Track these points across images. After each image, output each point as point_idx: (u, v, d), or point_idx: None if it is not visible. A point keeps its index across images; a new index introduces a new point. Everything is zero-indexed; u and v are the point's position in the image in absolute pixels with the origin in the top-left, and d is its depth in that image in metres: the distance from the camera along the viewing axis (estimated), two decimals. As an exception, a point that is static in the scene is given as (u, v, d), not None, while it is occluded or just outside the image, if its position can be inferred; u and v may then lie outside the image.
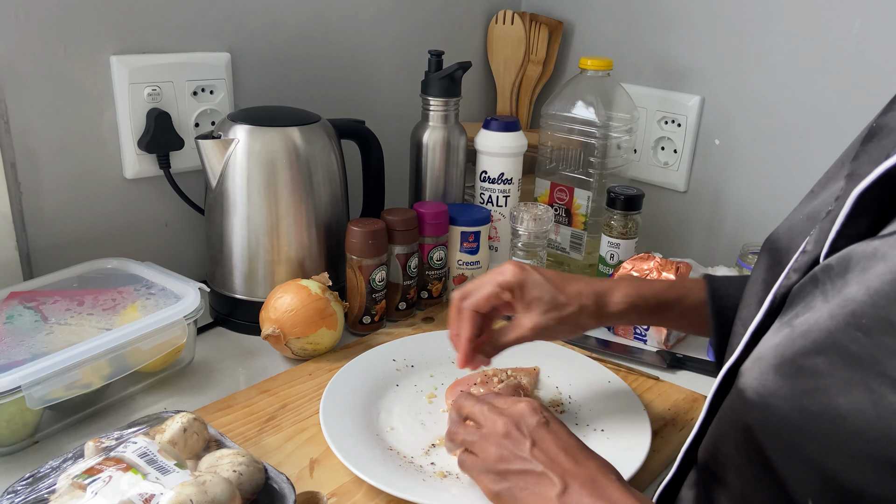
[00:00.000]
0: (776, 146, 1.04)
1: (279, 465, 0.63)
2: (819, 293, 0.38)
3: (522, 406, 0.56)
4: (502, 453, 0.54)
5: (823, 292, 0.38)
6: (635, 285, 0.67)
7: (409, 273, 0.92)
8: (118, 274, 0.82)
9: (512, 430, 0.54)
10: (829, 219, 0.41)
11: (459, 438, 0.59)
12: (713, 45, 1.07)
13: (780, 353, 0.38)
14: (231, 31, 0.94)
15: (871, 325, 0.33)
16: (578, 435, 0.69)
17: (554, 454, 0.52)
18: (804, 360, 0.36)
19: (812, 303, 0.38)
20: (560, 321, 0.64)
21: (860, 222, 0.39)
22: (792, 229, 0.49)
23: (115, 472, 0.51)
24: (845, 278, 0.36)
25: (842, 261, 0.37)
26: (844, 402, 0.34)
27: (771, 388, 0.38)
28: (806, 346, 0.36)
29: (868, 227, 0.39)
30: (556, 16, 1.26)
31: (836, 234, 0.39)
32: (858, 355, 0.34)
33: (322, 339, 0.81)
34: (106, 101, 0.85)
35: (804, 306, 0.39)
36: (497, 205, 1.03)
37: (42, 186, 0.83)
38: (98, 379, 0.68)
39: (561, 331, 0.65)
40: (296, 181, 0.85)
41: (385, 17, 1.11)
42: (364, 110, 1.07)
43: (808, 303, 0.39)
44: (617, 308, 0.65)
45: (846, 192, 0.41)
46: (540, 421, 0.55)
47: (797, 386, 0.36)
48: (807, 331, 0.37)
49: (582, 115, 1.03)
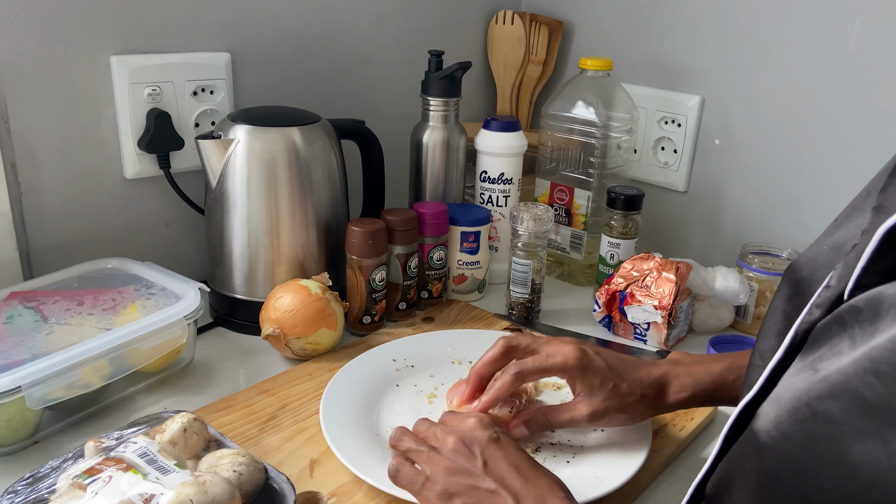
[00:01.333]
0: (776, 146, 1.04)
1: (279, 465, 0.63)
2: (847, 337, 0.37)
3: (472, 422, 0.56)
4: (454, 467, 0.54)
5: (851, 337, 0.36)
6: (694, 372, 0.65)
7: (409, 273, 0.92)
8: (118, 274, 0.82)
9: (461, 448, 0.54)
10: (855, 253, 0.40)
11: (404, 446, 0.58)
12: (713, 45, 1.07)
13: (798, 397, 0.37)
14: (231, 31, 0.94)
15: (888, 371, 0.32)
16: (579, 435, 0.70)
17: (505, 472, 0.53)
18: (818, 404, 0.35)
19: (838, 347, 0.37)
20: (619, 410, 0.63)
21: (887, 259, 0.37)
22: (814, 260, 0.48)
23: (115, 472, 0.51)
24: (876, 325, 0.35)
25: (871, 304, 0.36)
26: (858, 452, 0.33)
27: (785, 431, 0.37)
28: (822, 390, 0.35)
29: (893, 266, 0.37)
30: (556, 16, 1.26)
31: (861, 269, 0.38)
32: (872, 403, 0.32)
33: (322, 339, 0.81)
34: (106, 101, 0.86)
35: (829, 349, 0.38)
36: (497, 205, 1.03)
37: (42, 186, 0.83)
38: (98, 379, 0.68)
39: (617, 419, 0.63)
40: (296, 181, 0.85)
41: (385, 18, 1.11)
42: (364, 110, 1.07)
43: (833, 346, 0.37)
44: (677, 398, 0.64)
45: (873, 225, 0.40)
46: (491, 437, 0.55)
47: (810, 431, 0.35)
48: (827, 375, 0.36)
49: (582, 115, 1.03)
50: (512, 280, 0.94)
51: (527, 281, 0.93)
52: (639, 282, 0.89)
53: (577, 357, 0.62)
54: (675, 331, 0.88)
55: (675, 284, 0.86)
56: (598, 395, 0.63)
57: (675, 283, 0.86)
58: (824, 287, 0.41)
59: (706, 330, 0.94)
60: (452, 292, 1.00)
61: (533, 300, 0.95)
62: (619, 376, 0.63)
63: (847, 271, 0.39)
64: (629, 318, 0.89)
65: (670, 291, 0.86)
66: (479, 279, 1.00)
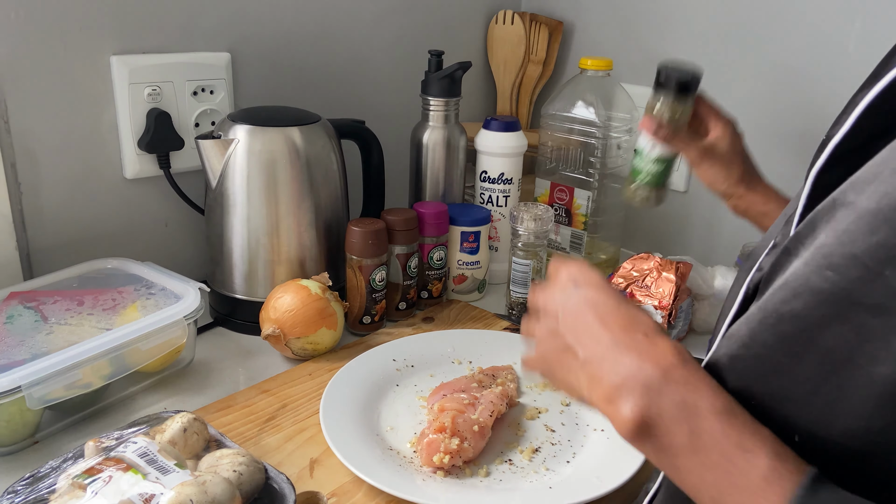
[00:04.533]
0: (775, 147, 1.04)
1: (279, 465, 0.63)
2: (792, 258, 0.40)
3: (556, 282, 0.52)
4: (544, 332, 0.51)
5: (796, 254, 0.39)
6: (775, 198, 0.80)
7: (409, 273, 0.92)
8: (118, 274, 0.82)
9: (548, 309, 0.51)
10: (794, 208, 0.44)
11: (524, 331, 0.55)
12: (713, 45, 1.07)
13: (762, 308, 0.40)
14: (231, 31, 0.94)
15: (839, 262, 0.35)
16: (579, 435, 0.70)
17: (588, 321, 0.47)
18: (783, 307, 0.38)
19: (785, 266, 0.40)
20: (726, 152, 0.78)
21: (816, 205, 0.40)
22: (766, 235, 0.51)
23: (115, 472, 0.51)
24: (815, 235, 0.38)
25: (807, 224, 0.39)
26: (829, 337, 0.36)
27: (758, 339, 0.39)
28: (785, 295, 0.38)
29: None
30: (556, 16, 1.26)
31: (799, 217, 0.42)
32: (831, 291, 0.35)
33: (322, 339, 0.81)
34: (106, 100, 0.85)
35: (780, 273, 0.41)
36: (497, 205, 1.03)
37: (42, 186, 0.83)
38: (98, 379, 0.68)
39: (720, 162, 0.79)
40: (296, 181, 0.85)
41: (385, 17, 1.11)
42: (364, 110, 1.07)
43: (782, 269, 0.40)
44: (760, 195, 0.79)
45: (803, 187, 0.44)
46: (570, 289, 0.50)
47: (781, 332, 0.38)
48: (784, 283, 0.39)
49: (582, 115, 1.03)
50: (512, 280, 0.94)
51: (527, 281, 0.93)
52: (639, 282, 0.89)
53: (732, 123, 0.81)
54: (675, 331, 0.88)
55: (675, 284, 0.86)
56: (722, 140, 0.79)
57: (675, 283, 0.86)
58: (771, 246, 0.45)
59: (706, 330, 0.94)
60: (452, 292, 1.00)
61: (533, 300, 0.95)
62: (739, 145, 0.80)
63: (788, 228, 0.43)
64: (629, 318, 0.89)
65: (670, 291, 0.86)
66: (479, 279, 1.00)
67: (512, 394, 0.74)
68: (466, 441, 0.64)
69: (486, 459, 0.66)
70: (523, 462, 0.66)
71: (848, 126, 0.41)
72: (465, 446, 0.63)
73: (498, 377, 0.76)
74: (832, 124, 0.46)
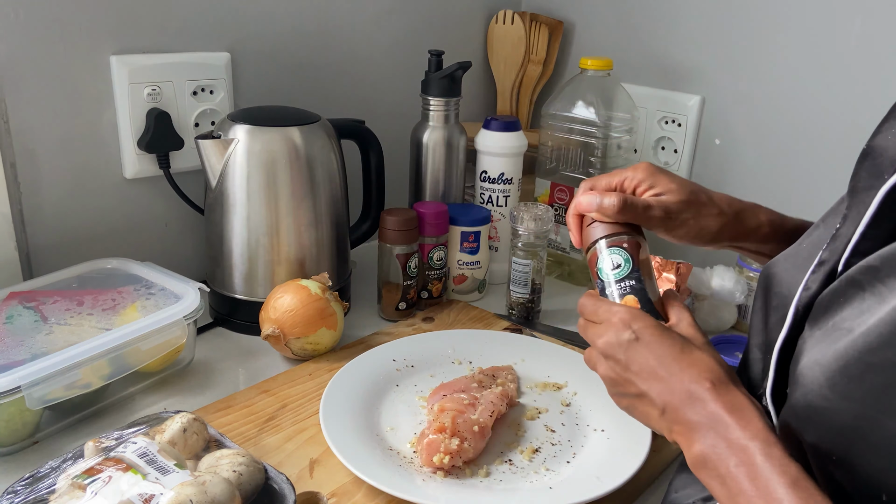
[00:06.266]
0: (776, 146, 1.04)
1: (279, 465, 0.63)
2: (869, 295, 0.38)
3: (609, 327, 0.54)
4: (610, 376, 0.54)
5: (875, 293, 0.38)
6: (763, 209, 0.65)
7: (409, 273, 0.92)
8: (118, 274, 0.82)
9: (610, 353, 0.53)
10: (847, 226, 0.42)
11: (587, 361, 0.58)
12: (713, 45, 1.07)
13: (844, 355, 0.38)
14: (231, 31, 0.94)
15: None
16: (579, 435, 0.70)
17: (649, 372, 0.51)
18: (871, 357, 0.36)
19: (864, 305, 0.38)
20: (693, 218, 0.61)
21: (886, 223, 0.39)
22: (790, 258, 0.50)
23: (115, 472, 0.51)
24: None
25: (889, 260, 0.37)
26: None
27: (841, 391, 0.38)
28: (871, 342, 0.36)
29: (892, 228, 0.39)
30: (556, 16, 1.26)
31: (860, 236, 0.40)
32: None
33: (322, 339, 0.81)
34: (106, 100, 0.85)
35: (851, 309, 0.39)
36: (497, 205, 1.03)
37: (42, 186, 0.83)
38: (98, 379, 0.68)
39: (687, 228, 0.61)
40: (296, 181, 0.85)
41: (385, 17, 1.11)
42: (364, 110, 1.07)
43: (855, 306, 0.39)
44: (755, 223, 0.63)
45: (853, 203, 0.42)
46: (630, 339, 0.53)
47: (869, 383, 0.36)
48: (869, 329, 0.37)
49: (582, 115, 1.03)
50: (512, 280, 0.94)
51: (527, 281, 0.93)
52: (639, 282, 0.88)
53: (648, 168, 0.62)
54: (675, 331, 0.88)
55: (676, 285, 0.86)
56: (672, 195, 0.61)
57: (676, 284, 0.86)
58: (817, 264, 0.44)
59: (707, 330, 0.94)
60: (452, 292, 1.00)
61: (533, 300, 0.95)
62: (700, 187, 0.62)
63: (839, 245, 0.42)
64: (629, 318, 0.89)
65: (670, 291, 0.86)
66: (479, 279, 1.00)
67: (512, 394, 0.74)
68: (466, 441, 0.64)
69: (486, 460, 0.66)
70: (523, 462, 0.66)
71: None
72: (465, 446, 0.63)
73: (498, 377, 0.76)
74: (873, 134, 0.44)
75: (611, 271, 0.60)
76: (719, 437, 0.45)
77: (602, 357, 0.54)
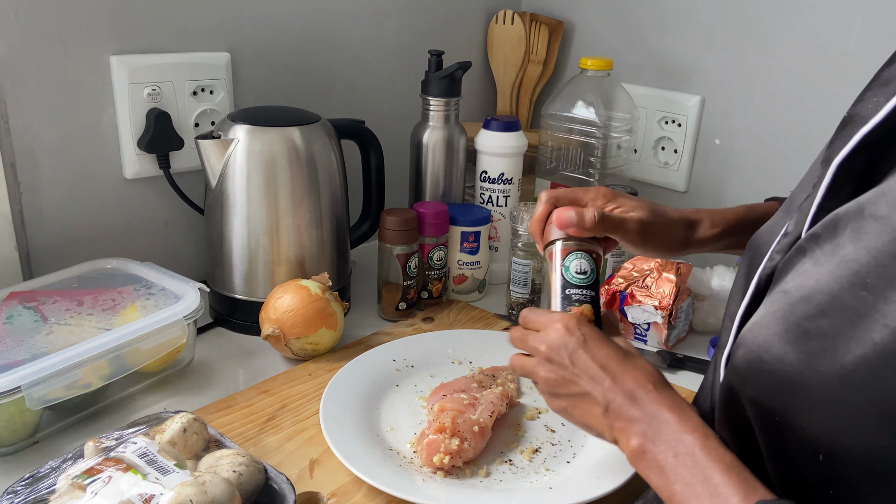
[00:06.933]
0: (776, 146, 1.04)
1: (279, 465, 0.63)
2: (808, 259, 0.39)
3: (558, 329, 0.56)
4: (551, 378, 0.55)
5: (813, 258, 0.39)
6: (720, 212, 0.69)
7: (409, 273, 0.92)
8: (118, 274, 0.82)
9: (554, 356, 0.55)
10: (809, 200, 0.43)
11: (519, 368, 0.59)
12: (713, 45, 1.07)
13: (784, 318, 0.39)
14: (231, 31, 0.94)
15: (875, 283, 0.35)
16: (579, 435, 0.69)
17: (593, 373, 0.53)
18: (809, 324, 0.37)
19: (802, 268, 0.40)
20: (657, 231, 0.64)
21: (840, 194, 0.40)
22: (771, 227, 0.51)
23: (115, 472, 0.51)
24: (836, 241, 0.38)
25: (828, 225, 0.39)
26: (851, 359, 0.35)
27: (776, 354, 0.39)
28: (810, 309, 0.38)
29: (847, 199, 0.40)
30: (556, 16, 1.26)
31: (817, 207, 0.41)
32: (864, 313, 0.35)
33: (322, 339, 0.81)
34: (106, 100, 0.85)
35: (794, 274, 0.40)
36: (497, 205, 1.03)
37: (42, 186, 0.83)
38: (98, 379, 0.68)
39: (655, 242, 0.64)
40: (296, 181, 0.85)
41: (385, 17, 1.11)
42: (364, 110, 1.07)
43: (797, 270, 0.40)
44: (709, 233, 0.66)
45: (824, 173, 0.43)
46: (577, 341, 0.54)
47: (804, 349, 0.38)
48: (807, 295, 0.38)
49: (582, 115, 1.03)
50: (512, 280, 0.94)
51: (527, 281, 0.93)
52: (639, 282, 0.89)
53: (610, 189, 0.65)
54: (675, 331, 0.88)
55: (676, 285, 0.86)
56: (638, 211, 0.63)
57: (676, 284, 0.86)
58: (782, 235, 0.45)
59: (706, 330, 0.94)
60: (452, 292, 1.00)
61: (533, 300, 0.95)
62: (652, 203, 0.65)
63: (802, 217, 0.43)
64: (629, 319, 0.89)
65: (670, 292, 0.86)
66: (479, 279, 1.00)
67: (512, 394, 0.74)
68: (466, 441, 0.64)
69: (486, 460, 0.66)
70: (523, 462, 0.66)
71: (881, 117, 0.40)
72: (465, 447, 0.63)
73: (498, 377, 0.76)
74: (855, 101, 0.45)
75: (576, 274, 0.60)
76: (660, 430, 0.48)
77: (545, 361, 0.56)
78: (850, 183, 0.40)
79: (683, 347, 0.90)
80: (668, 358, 0.85)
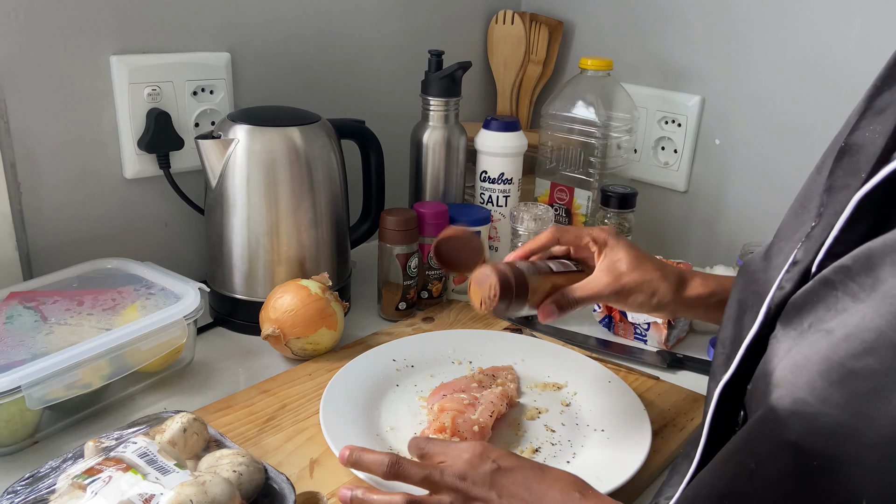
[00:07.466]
0: (776, 146, 1.04)
1: (279, 465, 0.63)
2: (843, 294, 0.38)
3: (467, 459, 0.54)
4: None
5: (850, 293, 0.37)
6: (714, 276, 0.68)
7: (409, 273, 0.92)
8: (118, 274, 0.82)
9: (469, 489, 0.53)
10: (822, 227, 0.42)
11: None
12: (713, 45, 1.07)
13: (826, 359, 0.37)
14: (231, 31, 0.94)
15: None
16: (579, 435, 0.70)
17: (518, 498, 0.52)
18: (854, 363, 0.36)
19: (839, 305, 0.38)
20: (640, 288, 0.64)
21: (860, 227, 0.39)
22: (765, 253, 0.50)
23: (115, 472, 0.51)
24: (874, 275, 0.36)
25: (860, 258, 0.37)
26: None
27: (820, 395, 0.37)
28: (854, 347, 0.36)
29: (867, 231, 0.39)
30: (556, 16, 1.26)
31: (833, 239, 0.40)
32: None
33: (322, 339, 0.81)
34: (106, 101, 0.85)
35: (826, 310, 0.38)
36: (497, 205, 1.03)
37: (42, 186, 0.83)
38: (98, 379, 0.68)
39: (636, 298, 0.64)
40: (296, 181, 0.85)
41: (385, 17, 1.11)
42: (364, 110, 1.07)
43: (830, 305, 0.38)
44: (698, 291, 0.65)
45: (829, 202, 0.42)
46: (491, 469, 0.54)
47: (851, 390, 0.36)
48: (850, 333, 0.36)
49: (582, 115, 1.03)
50: (512, 280, 0.94)
51: (527, 281, 0.93)
52: (639, 282, 0.88)
53: (613, 231, 0.66)
54: (675, 331, 0.88)
55: (676, 284, 0.86)
56: (622, 269, 0.64)
57: (676, 283, 0.86)
58: (791, 263, 0.44)
59: (706, 330, 0.94)
60: (452, 292, 1.00)
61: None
62: (646, 256, 0.66)
63: (813, 245, 0.42)
64: (629, 319, 0.89)
65: (670, 291, 0.85)
66: (479, 279, 1.00)
67: (512, 394, 0.74)
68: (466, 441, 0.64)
69: (486, 459, 0.66)
70: (523, 462, 0.66)
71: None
72: (465, 446, 0.63)
73: (498, 377, 0.76)
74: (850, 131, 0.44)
75: None
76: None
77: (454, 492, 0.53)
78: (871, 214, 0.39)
79: (683, 347, 0.90)
80: (668, 358, 0.85)
